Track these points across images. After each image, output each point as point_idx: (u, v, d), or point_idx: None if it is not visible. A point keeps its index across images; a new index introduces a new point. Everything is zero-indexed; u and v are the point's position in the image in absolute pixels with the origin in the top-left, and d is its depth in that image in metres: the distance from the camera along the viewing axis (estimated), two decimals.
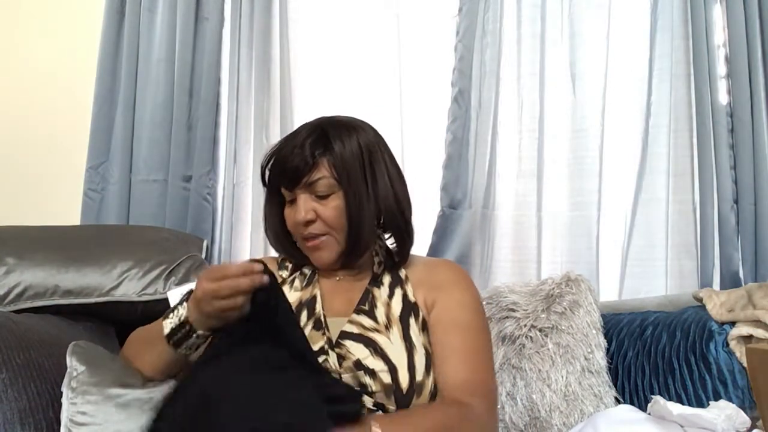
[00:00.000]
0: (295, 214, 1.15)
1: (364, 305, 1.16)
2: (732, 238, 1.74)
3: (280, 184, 1.17)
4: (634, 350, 1.46)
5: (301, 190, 1.15)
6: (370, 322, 1.13)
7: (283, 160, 1.15)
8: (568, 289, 1.50)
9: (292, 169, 1.14)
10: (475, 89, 1.83)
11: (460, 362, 1.11)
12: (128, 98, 1.83)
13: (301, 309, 1.17)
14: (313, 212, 1.15)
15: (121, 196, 1.82)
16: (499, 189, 1.85)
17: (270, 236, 1.25)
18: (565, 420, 1.37)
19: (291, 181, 1.15)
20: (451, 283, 1.21)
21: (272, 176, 1.19)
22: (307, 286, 1.21)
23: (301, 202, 1.15)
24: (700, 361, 1.34)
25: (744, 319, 1.34)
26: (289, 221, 1.19)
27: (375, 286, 1.19)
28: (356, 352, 1.09)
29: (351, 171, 1.14)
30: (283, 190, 1.18)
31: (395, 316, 1.14)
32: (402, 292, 1.19)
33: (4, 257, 1.41)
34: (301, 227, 1.16)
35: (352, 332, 1.11)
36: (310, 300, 1.18)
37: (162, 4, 1.83)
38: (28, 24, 1.95)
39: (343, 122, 1.19)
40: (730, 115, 1.76)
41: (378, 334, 1.11)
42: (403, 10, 1.90)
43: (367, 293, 1.18)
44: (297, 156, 1.13)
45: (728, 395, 1.28)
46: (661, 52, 1.80)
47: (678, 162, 1.80)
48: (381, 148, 1.19)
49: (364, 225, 1.15)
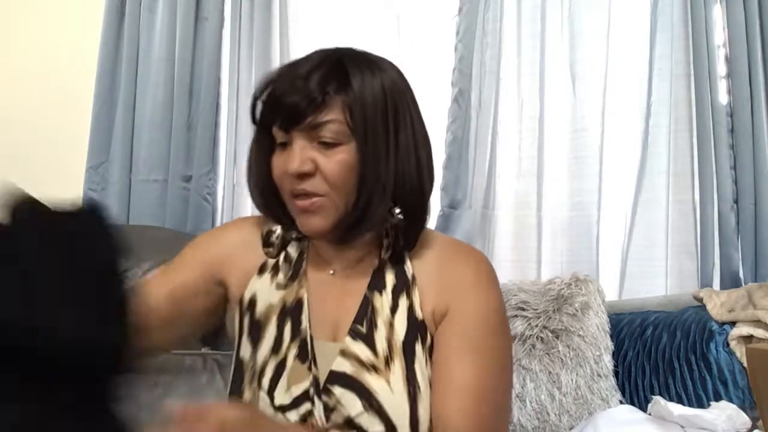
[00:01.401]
0: (287, 162, 0.87)
1: (361, 324, 0.91)
2: (732, 238, 1.74)
3: (273, 121, 0.89)
4: (634, 350, 1.45)
5: (299, 133, 0.87)
6: (368, 354, 0.89)
7: (281, 93, 0.87)
8: (578, 290, 1.50)
9: (291, 105, 0.86)
10: (475, 89, 1.83)
11: (465, 401, 0.86)
12: (128, 98, 1.83)
13: (283, 319, 0.93)
14: (312, 163, 0.86)
15: (121, 196, 1.82)
16: (499, 189, 1.85)
17: (254, 191, 0.95)
18: (574, 423, 1.36)
19: (288, 119, 0.87)
20: (467, 287, 0.92)
21: (265, 111, 0.90)
22: (291, 280, 0.95)
23: (297, 148, 0.86)
24: (701, 361, 1.34)
25: (744, 319, 1.34)
26: (276, 170, 0.90)
27: (376, 290, 0.93)
28: (348, 404, 0.86)
29: (370, 119, 0.87)
30: (276, 130, 0.89)
31: (398, 344, 0.89)
32: (408, 303, 0.92)
33: None
34: (293, 180, 0.87)
35: (344, 373, 0.88)
36: (293, 307, 0.93)
37: (162, 4, 1.83)
38: (28, 24, 1.95)
39: (366, 56, 0.92)
40: (730, 115, 1.76)
41: (376, 376, 0.87)
42: (403, 10, 1.90)
43: (366, 303, 0.92)
44: (301, 89, 0.86)
45: (728, 395, 1.28)
46: (661, 52, 1.80)
47: (678, 162, 1.80)
48: (409, 99, 0.94)
49: (377, 191, 0.87)
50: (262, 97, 0.90)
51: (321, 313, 0.93)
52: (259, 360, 0.91)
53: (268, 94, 0.89)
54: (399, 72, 0.94)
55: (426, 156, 0.93)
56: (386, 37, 1.88)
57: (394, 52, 1.87)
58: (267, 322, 0.93)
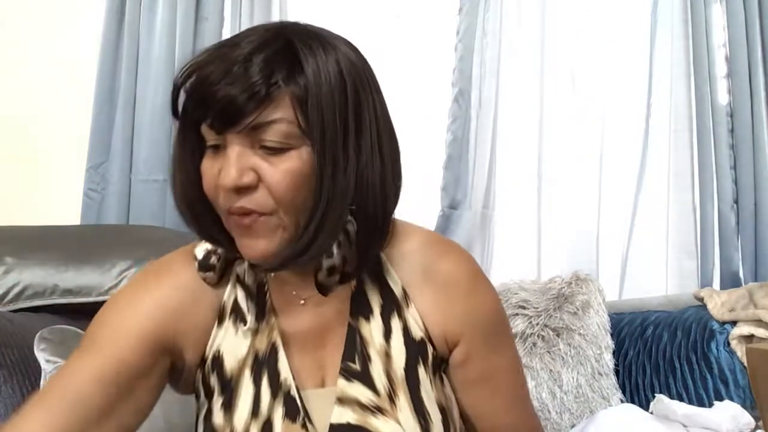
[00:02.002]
0: (222, 173, 0.68)
1: (353, 361, 0.76)
2: (732, 238, 1.74)
3: (202, 119, 0.69)
4: (635, 350, 1.46)
5: (236, 136, 0.68)
6: (368, 396, 0.75)
7: (212, 82, 0.67)
8: (579, 288, 1.50)
9: (226, 100, 0.66)
10: (475, 89, 1.83)
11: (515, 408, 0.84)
12: (128, 98, 1.82)
13: (258, 372, 0.76)
14: (253, 174, 0.68)
15: (121, 196, 1.81)
16: (499, 189, 1.85)
17: (180, 205, 0.74)
18: (575, 422, 1.37)
19: (221, 118, 0.67)
20: (469, 298, 0.81)
21: (190, 105, 0.69)
22: (258, 320, 0.78)
23: (233, 155, 0.68)
24: (701, 361, 1.34)
25: (745, 318, 1.34)
26: (207, 180, 0.70)
27: (362, 316, 0.78)
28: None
29: (327, 114, 0.68)
30: (205, 129, 0.69)
31: (399, 376, 0.77)
32: (401, 324, 0.79)
33: (3, 257, 1.40)
34: (228, 195, 0.68)
35: (348, 424, 0.74)
36: (268, 354, 0.76)
37: (162, 4, 1.83)
38: (28, 24, 1.95)
39: (314, 31, 0.73)
40: (730, 115, 1.76)
41: (383, 419, 0.74)
42: (403, 10, 1.90)
43: (353, 334, 0.77)
44: (239, 78, 0.66)
45: (729, 394, 1.28)
46: (661, 52, 1.80)
47: (678, 162, 1.80)
48: (371, 83, 0.74)
49: (335, 205, 0.69)
50: (186, 85, 0.69)
51: (300, 356, 0.77)
52: (237, 427, 0.74)
53: (194, 82, 0.68)
54: (353, 47, 0.75)
55: (390, 154, 0.74)
56: (386, 37, 1.88)
57: (394, 52, 1.87)
58: (240, 379, 0.76)
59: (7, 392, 1.10)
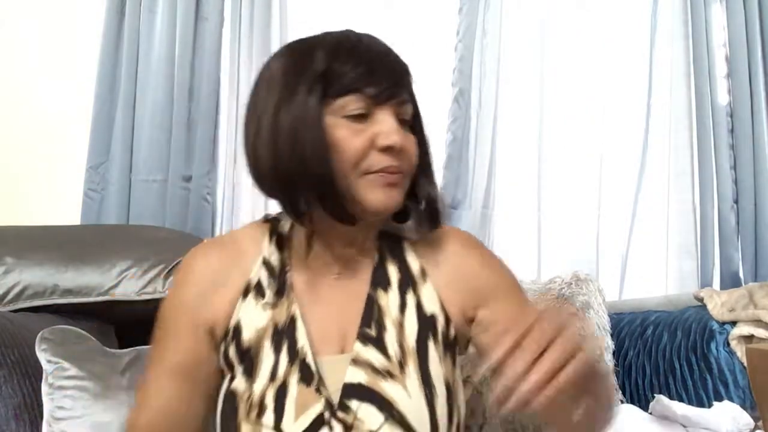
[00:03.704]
0: (382, 137, 0.80)
1: (369, 327, 0.85)
2: (732, 238, 1.74)
3: (368, 83, 0.80)
4: (634, 350, 1.45)
5: (389, 107, 0.82)
6: (381, 360, 0.83)
7: (379, 60, 0.82)
8: (578, 289, 1.50)
9: (397, 72, 0.83)
10: (475, 89, 1.83)
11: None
12: (128, 98, 1.83)
13: (278, 342, 0.84)
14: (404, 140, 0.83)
15: (121, 196, 1.81)
16: (499, 189, 1.85)
17: (312, 162, 0.79)
18: None
19: (394, 86, 0.82)
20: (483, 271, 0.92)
21: (356, 74, 0.80)
22: (278, 296, 0.87)
23: (392, 122, 0.81)
24: (701, 361, 1.34)
25: (745, 318, 1.34)
26: (356, 143, 0.80)
27: (380, 287, 0.88)
28: (368, 419, 0.80)
29: (417, 103, 0.88)
30: (356, 99, 0.80)
31: (410, 346, 0.85)
32: (415, 300, 0.88)
33: (3, 257, 1.40)
34: (381, 155, 0.81)
35: (359, 384, 0.82)
36: (287, 326, 0.85)
37: (162, 4, 1.83)
38: (28, 24, 1.95)
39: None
40: (730, 115, 1.76)
41: (392, 382, 0.82)
42: (403, 10, 1.90)
43: (371, 303, 0.87)
44: (394, 59, 0.84)
45: (729, 395, 1.28)
46: (661, 52, 1.80)
47: (678, 162, 1.80)
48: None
49: (428, 175, 0.89)
50: (350, 56, 0.81)
51: (323, 326, 0.86)
52: (256, 391, 0.82)
53: (363, 54, 0.82)
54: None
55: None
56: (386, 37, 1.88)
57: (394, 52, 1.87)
58: (259, 348, 0.84)
59: (7, 392, 1.10)
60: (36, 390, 1.12)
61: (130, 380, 1.16)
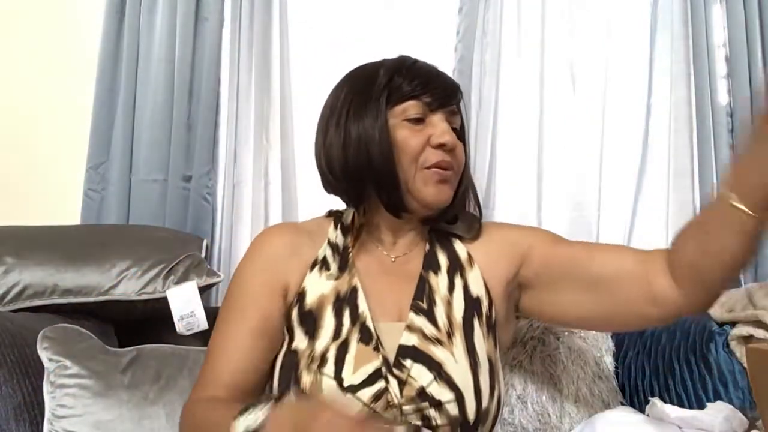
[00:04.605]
0: (435, 136, 0.98)
1: (421, 300, 0.98)
2: None
3: (424, 91, 1.00)
4: (634, 350, 1.45)
5: (444, 113, 1.01)
6: (431, 329, 0.95)
7: (436, 73, 1.04)
8: None
9: (448, 85, 1.03)
10: (475, 89, 1.83)
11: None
12: (128, 98, 1.83)
13: (340, 307, 0.96)
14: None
15: (121, 196, 1.81)
16: (499, 189, 1.85)
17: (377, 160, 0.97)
18: (575, 426, 1.35)
19: (445, 96, 1.01)
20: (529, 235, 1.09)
21: (417, 83, 1.00)
22: (341, 270, 1.00)
23: (446, 126, 1.00)
24: (701, 362, 1.34)
25: (744, 319, 1.34)
26: (415, 142, 0.98)
27: (431, 270, 1.02)
28: (419, 376, 0.91)
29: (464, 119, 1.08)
30: (415, 104, 0.99)
31: (457, 320, 0.97)
32: (462, 282, 1.02)
33: (3, 257, 1.41)
34: (436, 152, 0.99)
35: (413, 346, 0.93)
36: (349, 294, 0.97)
37: (162, 4, 1.83)
38: (29, 23, 1.95)
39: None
40: (730, 115, 1.76)
41: (441, 348, 0.94)
42: (403, 10, 1.90)
43: (423, 282, 1.00)
44: (445, 77, 1.05)
45: (729, 396, 1.28)
46: (661, 52, 1.80)
47: (678, 162, 1.80)
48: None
49: (468, 178, 1.08)
50: (409, 72, 1.01)
51: (380, 298, 0.98)
52: (318, 348, 0.93)
53: (419, 70, 1.02)
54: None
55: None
56: (386, 37, 1.88)
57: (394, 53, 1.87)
58: (321, 312, 0.96)
59: (7, 392, 1.11)
60: (36, 389, 1.13)
61: (131, 379, 1.16)
